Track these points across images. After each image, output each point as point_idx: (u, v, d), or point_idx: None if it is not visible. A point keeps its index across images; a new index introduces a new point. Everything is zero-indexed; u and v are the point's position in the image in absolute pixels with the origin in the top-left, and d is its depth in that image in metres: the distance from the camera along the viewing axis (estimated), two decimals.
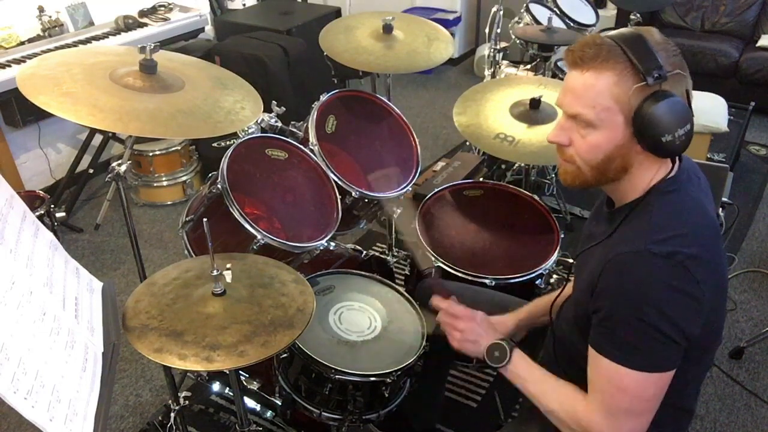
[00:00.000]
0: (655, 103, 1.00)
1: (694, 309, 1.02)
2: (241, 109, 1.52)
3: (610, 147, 1.06)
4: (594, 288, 1.09)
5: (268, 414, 1.91)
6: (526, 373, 1.23)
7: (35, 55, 2.80)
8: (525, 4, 3.22)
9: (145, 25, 3.28)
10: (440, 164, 2.87)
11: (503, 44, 3.12)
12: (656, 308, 1.00)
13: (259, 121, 1.83)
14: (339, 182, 1.82)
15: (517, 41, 3.01)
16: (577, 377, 1.24)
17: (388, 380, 1.46)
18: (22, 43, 2.91)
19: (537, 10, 3.22)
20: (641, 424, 1.07)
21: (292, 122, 1.96)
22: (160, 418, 1.93)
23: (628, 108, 1.02)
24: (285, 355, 1.53)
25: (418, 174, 2.07)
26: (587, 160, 1.09)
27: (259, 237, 1.58)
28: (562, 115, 1.12)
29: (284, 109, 1.93)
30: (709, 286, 1.02)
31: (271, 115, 1.89)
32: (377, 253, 2.68)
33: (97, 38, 3.08)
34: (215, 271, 1.26)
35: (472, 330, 1.32)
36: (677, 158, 1.10)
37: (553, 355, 1.32)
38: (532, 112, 2.01)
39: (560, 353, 1.30)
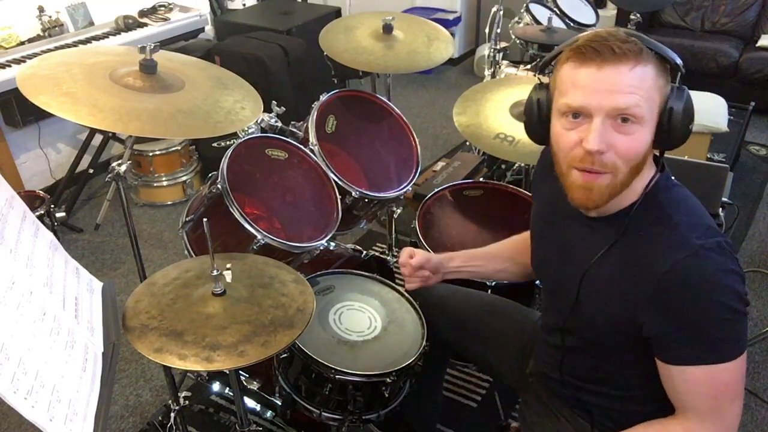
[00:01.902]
0: (682, 95, 1.01)
1: (744, 286, 1.05)
2: (241, 109, 1.52)
3: (647, 143, 1.02)
4: (637, 314, 1.05)
5: (268, 414, 1.91)
6: None
7: (35, 55, 2.80)
8: (525, 4, 3.22)
9: (145, 25, 3.28)
10: (440, 164, 2.87)
11: (503, 44, 3.12)
12: (730, 292, 1.00)
13: (259, 121, 1.83)
14: (339, 182, 1.82)
15: (517, 41, 3.02)
16: (583, 386, 1.25)
17: (388, 380, 1.46)
18: (22, 43, 2.91)
19: (537, 10, 3.22)
20: (741, 403, 1.07)
21: (292, 122, 1.96)
22: (160, 418, 1.93)
23: (663, 101, 1.01)
24: (285, 355, 1.53)
25: (418, 174, 2.07)
26: (630, 159, 1.01)
27: (259, 237, 1.58)
28: (595, 120, 0.99)
29: (284, 109, 1.93)
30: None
31: (271, 115, 1.89)
32: (377, 253, 2.68)
33: (97, 38, 3.08)
34: (215, 271, 1.26)
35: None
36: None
37: (558, 367, 1.28)
38: None
39: (566, 367, 1.27)
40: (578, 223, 1.15)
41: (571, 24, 3.27)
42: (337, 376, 1.44)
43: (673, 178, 1.12)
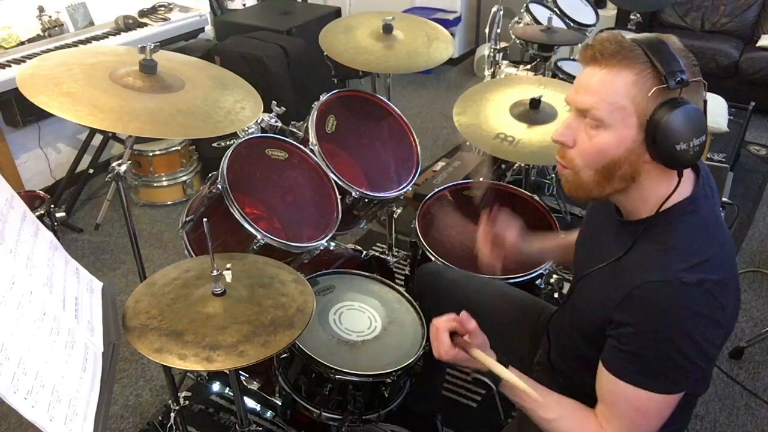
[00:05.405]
0: (673, 108, 0.94)
1: (719, 334, 1.02)
2: (241, 109, 1.52)
3: (618, 150, 1.00)
4: (610, 314, 1.06)
5: (268, 414, 1.91)
6: (525, 385, 1.12)
7: (35, 55, 2.79)
8: (525, 4, 3.21)
9: (145, 25, 3.28)
10: (440, 164, 2.87)
11: (503, 44, 3.12)
12: (687, 337, 0.98)
13: (259, 121, 1.83)
14: (339, 182, 1.82)
15: (517, 41, 3.01)
16: (577, 380, 1.24)
17: (388, 380, 1.46)
18: (22, 43, 2.90)
19: (537, 10, 3.22)
20: None
21: (292, 122, 1.96)
22: (160, 418, 1.93)
23: (644, 110, 0.97)
24: (285, 355, 1.53)
25: (418, 174, 2.07)
26: (590, 163, 1.03)
27: (259, 237, 1.58)
28: (570, 114, 1.06)
29: (284, 109, 1.93)
30: (731, 310, 1.02)
31: (271, 115, 1.89)
32: (377, 253, 2.68)
33: (97, 38, 3.07)
34: (215, 271, 1.26)
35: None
36: (696, 170, 1.07)
37: (548, 359, 1.32)
38: (532, 112, 2.01)
39: (556, 358, 1.30)
40: (613, 223, 1.16)
41: (571, 24, 3.27)
42: (337, 376, 1.44)
43: (705, 201, 1.06)
